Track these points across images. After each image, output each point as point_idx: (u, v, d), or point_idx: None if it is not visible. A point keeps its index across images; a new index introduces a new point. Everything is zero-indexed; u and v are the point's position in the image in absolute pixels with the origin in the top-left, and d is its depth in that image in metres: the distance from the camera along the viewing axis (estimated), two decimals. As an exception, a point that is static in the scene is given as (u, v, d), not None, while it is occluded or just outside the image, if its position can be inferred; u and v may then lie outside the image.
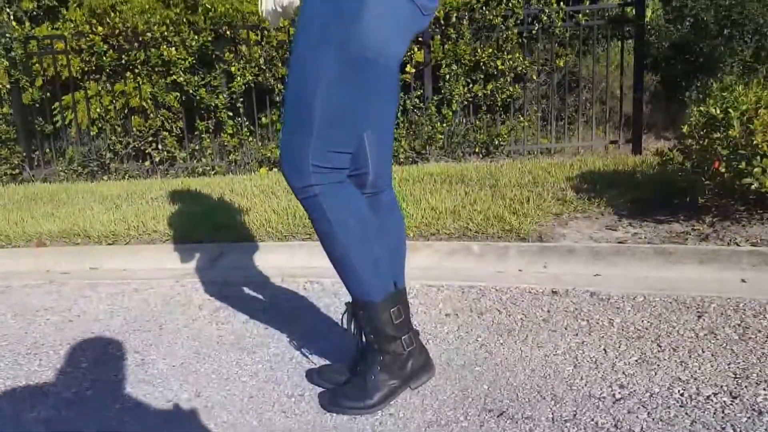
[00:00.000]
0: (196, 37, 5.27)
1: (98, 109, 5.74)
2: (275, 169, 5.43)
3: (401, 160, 5.25)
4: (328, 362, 1.84)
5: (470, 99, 5.40)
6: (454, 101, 5.30)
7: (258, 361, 1.91)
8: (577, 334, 1.94)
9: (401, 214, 1.65)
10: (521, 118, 5.44)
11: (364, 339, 1.53)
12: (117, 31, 5.31)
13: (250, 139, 5.54)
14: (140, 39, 5.33)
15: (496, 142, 5.36)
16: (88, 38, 5.35)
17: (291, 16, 1.39)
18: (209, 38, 5.28)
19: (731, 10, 6.25)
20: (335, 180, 1.39)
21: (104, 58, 5.38)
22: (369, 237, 1.45)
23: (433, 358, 1.74)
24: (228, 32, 5.30)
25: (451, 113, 5.33)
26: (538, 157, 5.40)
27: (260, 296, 2.57)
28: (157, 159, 5.64)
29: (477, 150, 5.40)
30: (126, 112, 5.78)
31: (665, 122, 7.04)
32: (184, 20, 5.45)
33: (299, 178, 1.37)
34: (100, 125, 5.78)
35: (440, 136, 5.30)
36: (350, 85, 1.31)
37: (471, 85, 5.34)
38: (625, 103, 5.79)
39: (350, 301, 1.53)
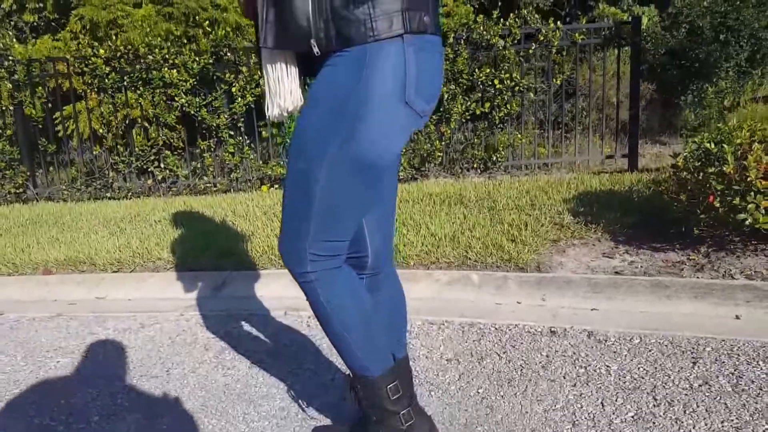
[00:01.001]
0: (197, 59, 5.31)
1: (100, 129, 5.77)
2: (276, 186, 5.48)
3: (401, 177, 5.30)
4: (330, 420, 1.89)
5: (468, 117, 5.44)
6: (452, 119, 5.34)
7: (264, 416, 1.96)
8: (575, 385, 1.99)
9: (400, 287, 1.67)
10: (519, 135, 5.48)
11: (363, 410, 1.57)
12: (119, 53, 5.35)
13: (251, 156, 5.58)
14: (142, 61, 5.38)
15: (494, 158, 5.41)
16: (90, 61, 5.39)
17: (296, 114, 1.43)
18: (210, 61, 5.32)
19: (727, 16, 6.30)
20: (332, 266, 1.42)
21: (106, 80, 5.42)
22: (366, 318, 1.48)
23: (436, 415, 1.80)
24: (228, 54, 5.34)
25: (449, 131, 5.38)
26: (536, 172, 5.45)
27: (264, 335, 2.62)
28: (159, 177, 5.68)
29: (475, 165, 5.46)
30: (127, 123, 5.81)
31: (661, 126, 7.09)
32: (185, 41, 5.48)
33: (297, 264, 1.40)
34: (101, 137, 5.82)
35: (439, 154, 5.35)
36: (349, 181, 1.33)
37: (469, 103, 5.38)
38: (622, 111, 5.83)
39: (349, 374, 1.56)
